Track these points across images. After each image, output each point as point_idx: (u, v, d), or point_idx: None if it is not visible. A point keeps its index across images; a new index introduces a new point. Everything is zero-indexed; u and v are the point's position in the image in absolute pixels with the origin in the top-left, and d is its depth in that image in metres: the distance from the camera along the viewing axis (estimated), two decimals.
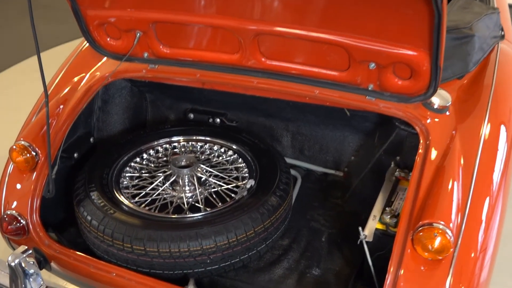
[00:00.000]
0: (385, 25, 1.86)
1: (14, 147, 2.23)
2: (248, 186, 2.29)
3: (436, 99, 2.07)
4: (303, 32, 2.00)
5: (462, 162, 1.94)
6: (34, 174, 2.23)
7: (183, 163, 2.46)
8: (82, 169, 2.43)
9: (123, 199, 2.25)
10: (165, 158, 2.63)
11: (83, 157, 2.56)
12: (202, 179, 2.45)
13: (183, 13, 2.14)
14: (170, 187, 2.40)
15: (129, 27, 2.28)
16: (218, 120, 2.84)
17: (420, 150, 2.00)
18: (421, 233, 1.76)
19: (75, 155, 2.52)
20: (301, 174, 2.83)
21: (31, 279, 1.95)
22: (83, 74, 2.55)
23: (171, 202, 2.33)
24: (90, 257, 2.11)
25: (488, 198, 1.88)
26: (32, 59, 5.36)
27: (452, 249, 1.74)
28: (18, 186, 2.23)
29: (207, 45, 2.27)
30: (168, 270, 2.08)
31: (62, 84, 2.52)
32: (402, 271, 1.76)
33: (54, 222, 2.37)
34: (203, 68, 2.34)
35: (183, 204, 2.31)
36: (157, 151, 2.64)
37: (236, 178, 2.46)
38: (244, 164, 2.50)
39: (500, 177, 1.95)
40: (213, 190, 2.39)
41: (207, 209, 2.22)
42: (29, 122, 2.41)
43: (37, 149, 2.24)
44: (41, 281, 1.96)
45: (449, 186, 1.86)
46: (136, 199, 2.32)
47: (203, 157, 2.62)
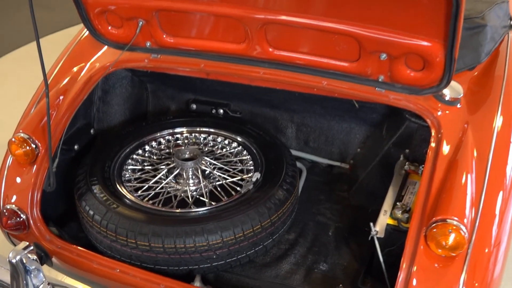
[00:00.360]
0: (398, 15, 1.81)
1: (13, 139, 2.16)
2: (254, 179, 2.24)
3: (448, 91, 2.03)
4: (313, 22, 1.94)
5: (475, 155, 1.90)
6: (34, 167, 2.17)
7: (186, 156, 2.41)
8: (82, 162, 2.37)
9: (126, 193, 2.20)
10: (167, 150, 2.57)
11: (83, 149, 2.50)
12: (206, 172, 2.39)
13: (188, 1, 2.07)
14: (174, 180, 2.34)
15: (131, 15, 2.21)
16: (221, 111, 2.78)
17: (432, 144, 1.95)
18: (434, 230, 1.72)
19: (75, 147, 2.46)
20: (306, 166, 2.78)
21: (33, 276, 1.90)
22: (83, 64, 2.47)
23: (175, 196, 2.27)
24: (93, 253, 2.06)
25: (501, 192, 1.84)
26: (23, 48, 5.23)
27: (466, 246, 1.70)
28: (17, 179, 2.17)
29: (212, 34, 2.20)
30: (173, 266, 2.03)
31: (61, 74, 2.44)
32: (414, 268, 1.72)
33: (53, 216, 2.31)
34: (207, 58, 2.27)
35: (187, 197, 2.26)
36: (160, 143, 2.58)
37: (241, 171, 2.40)
38: (249, 156, 2.44)
39: None
40: (217, 183, 2.33)
41: (212, 203, 2.17)
42: (28, 113, 2.33)
43: (37, 141, 2.18)
44: (43, 278, 1.91)
45: (463, 180, 1.82)
46: (139, 192, 2.27)
47: (206, 149, 2.57)
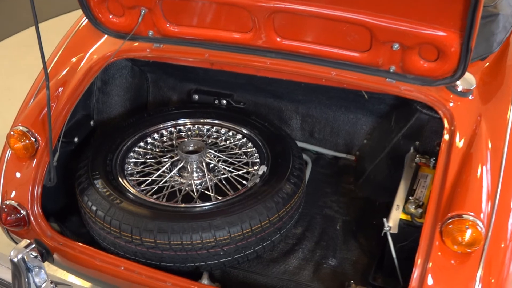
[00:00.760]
0: (412, 3, 1.75)
1: (12, 133, 2.08)
2: (260, 172, 2.18)
3: (460, 82, 1.97)
4: (323, 11, 1.87)
5: (489, 148, 1.85)
6: (34, 161, 2.09)
7: (190, 148, 2.34)
8: (83, 155, 2.30)
9: (129, 187, 2.14)
10: (170, 142, 2.50)
11: (83, 142, 2.43)
12: (211, 165, 2.33)
13: None
14: (178, 174, 2.28)
15: (133, 4, 2.13)
16: (224, 101, 2.70)
17: (445, 136, 1.90)
18: (450, 226, 1.67)
19: (75, 139, 2.38)
20: (311, 158, 2.72)
21: (34, 274, 1.85)
22: (82, 54, 2.39)
23: (179, 190, 2.21)
24: (96, 250, 2.01)
25: None
26: (18, 35, 5.10)
27: (483, 242, 1.66)
28: (17, 174, 2.10)
29: (217, 23, 2.13)
30: (179, 263, 1.98)
31: (60, 65, 2.36)
32: (430, 264, 1.68)
33: (54, 211, 2.24)
34: (212, 48, 2.19)
35: (192, 192, 2.20)
36: (162, 135, 2.51)
37: (246, 164, 2.34)
38: (254, 148, 2.38)
39: None
40: (222, 176, 2.27)
41: (218, 197, 2.11)
42: (26, 105, 2.25)
43: (36, 134, 2.10)
44: (45, 276, 1.86)
45: (478, 174, 1.78)
46: (142, 186, 2.21)
47: (209, 141, 2.50)
